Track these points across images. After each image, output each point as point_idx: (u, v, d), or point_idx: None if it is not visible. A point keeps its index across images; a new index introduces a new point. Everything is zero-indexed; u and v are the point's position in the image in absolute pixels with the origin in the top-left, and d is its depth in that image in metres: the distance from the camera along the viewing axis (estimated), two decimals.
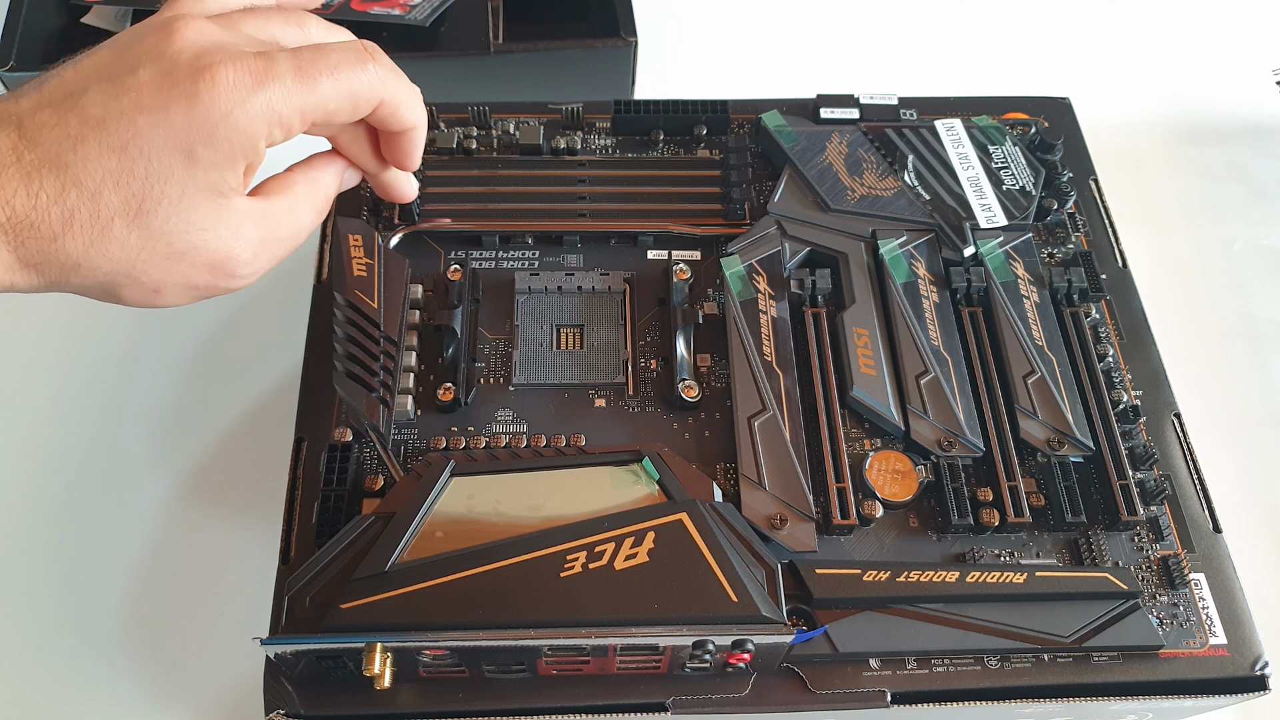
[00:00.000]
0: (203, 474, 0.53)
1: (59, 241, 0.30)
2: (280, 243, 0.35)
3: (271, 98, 0.31)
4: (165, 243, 0.31)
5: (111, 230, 0.31)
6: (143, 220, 0.31)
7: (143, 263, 0.32)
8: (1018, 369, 0.43)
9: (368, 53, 0.34)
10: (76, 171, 0.30)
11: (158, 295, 0.33)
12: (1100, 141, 0.54)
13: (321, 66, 0.33)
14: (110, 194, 0.30)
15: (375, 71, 0.34)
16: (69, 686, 0.47)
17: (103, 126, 0.30)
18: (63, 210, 0.30)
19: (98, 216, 0.30)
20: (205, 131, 0.31)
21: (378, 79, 0.34)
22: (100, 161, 0.30)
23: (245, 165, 0.33)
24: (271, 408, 0.55)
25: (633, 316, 0.46)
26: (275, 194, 0.35)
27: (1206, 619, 0.40)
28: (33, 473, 0.53)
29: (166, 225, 0.31)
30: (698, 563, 0.35)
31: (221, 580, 0.50)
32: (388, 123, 0.36)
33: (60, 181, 0.30)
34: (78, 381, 0.56)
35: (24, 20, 0.61)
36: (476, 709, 0.37)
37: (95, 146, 0.30)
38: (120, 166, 0.30)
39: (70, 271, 0.31)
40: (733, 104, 0.52)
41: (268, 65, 0.32)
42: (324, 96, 0.33)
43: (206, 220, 0.32)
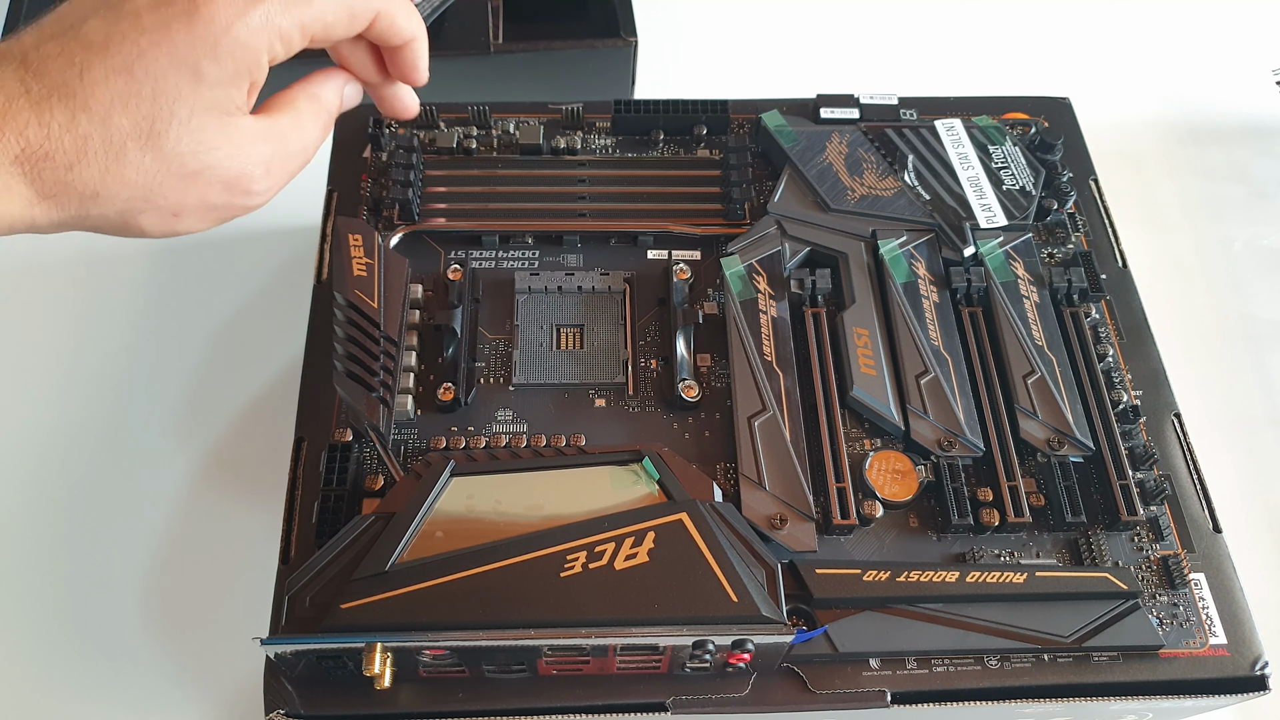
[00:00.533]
0: (203, 474, 0.53)
1: (75, 170, 0.30)
2: (290, 158, 0.36)
3: (270, 11, 0.32)
4: (179, 164, 0.32)
5: (126, 154, 0.31)
6: (155, 142, 0.31)
7: (159, 185, 0.32)
8: (1018, 369, 0.43)
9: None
10: (85, 97, 0.30)
11: (177, 220, 0.33)
12: (1100, 141, 0.54)
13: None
14: (120, 117, 0.30)
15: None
16: (69, 686, 0.47)
17: (106, 50, 0.30)
18: (75, 137, 0.30)
19: (110, 140, 0.30)
20: (208, 47, 0.31)
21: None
22: (107, 85, 0.30)
23: (250, 83, 0.33)
24: (271, 408, 0.55)
25: (633, 316, 0.46)
26: (279, 110, 0.36)
27: (1206, 619, 0.40)
28: (33, 472, 0.53)
29: (179, 146, 0.31)
30: (698, 563, 0.35)
31: (221, 581, 0.50)
32: (386, 36, 0.37)
33: (70, 109, 0.30)
34: (76, 381, 0.56)
35: (24, 19, 0.61)
36: (476, 709, 0.37)
37: (101, 70, 0.30)
38: (127, 88, 0.30)
39: (89, 201, 0.31)
40: (733, 104, 0.52)
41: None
42: (321, 9, 0.33)
43: (217, 139, 0.32)
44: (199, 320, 0.58)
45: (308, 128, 0.36)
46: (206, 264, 0.60)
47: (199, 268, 0.60)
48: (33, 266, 0.59)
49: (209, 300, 0.59)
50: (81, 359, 0.56)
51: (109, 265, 0.60)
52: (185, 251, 0.60)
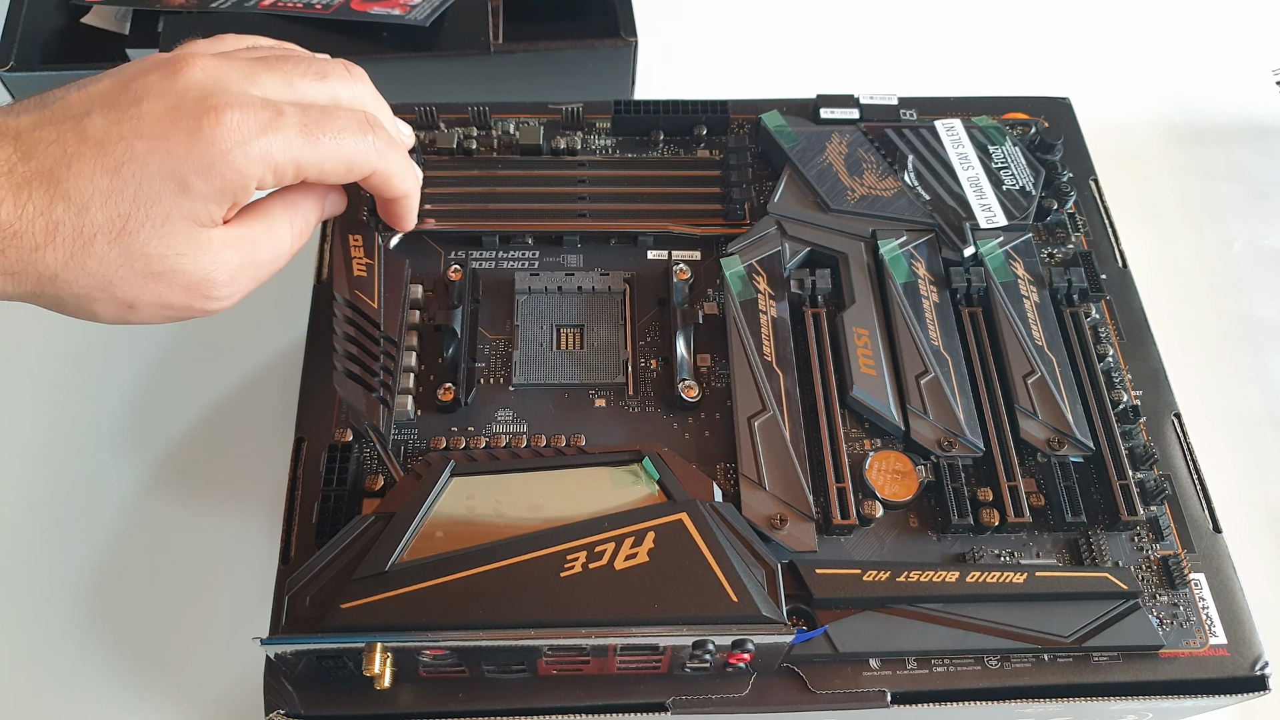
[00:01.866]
0: (203, 474, 0.53)
1: (40, 252, 0.31)
2: (258, 266, 0.36)
3: (272, 146, 0.33)
4: (144, 263, 0.32)
5: (93, 246, 0.31)
6: (124, 240, 0.32)
7: (120, 280, 0.32)
8: (1018, 369, 0.43)
9: (369, 125, 0.36)
10: (67, 187, 0.31)
11: (131, 311, 0.34)
12: (1100, 141, 0.54)
13: (326, 129, 0.34)
14: (97, 211, 0.31)
15: (374, 144, 0.36)
16: (68, 686, 0.47)
17: (101, 148, 0.31)
18: (48, 223, 0.30)
19: (81, 232, 0.31)
20: (203, 165, 0.32)
21: (374, 151, 0.36)
22: (93, 180, 0.31)
23: (232, 203, 0.34)
24: (272, 408, 0.55)
25: (633, 316, 0.46)
26: (253, 218, 0.36)
27: (1206, 619, 0.40)
28: (27, 470, 0.53)
29: (147, 247, 0.32)
30: (698, 563, 0.35)
31: (222, 580, 0.50)
32: (380, 190, 0.38)
33: (49, 195, 0.30)
34: (77, 381, 0.56)
35: (24, 20, 0.61)
36: (476, 709, 0.37)
37: (90, 165, 0.31)
38: (111, 187, 0.31)
39: (47, 282, 0.31)
40: (733, 104, 0.52)
41: (274, 116, 0.33)
42: (322, 156, 0.34)
43: (185, 246, 0.33)
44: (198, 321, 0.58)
45: (281, 237, 0.37)
46: None
47: None
48: None
49: None
50: (80, 359, 0.56)
51: None
52: None
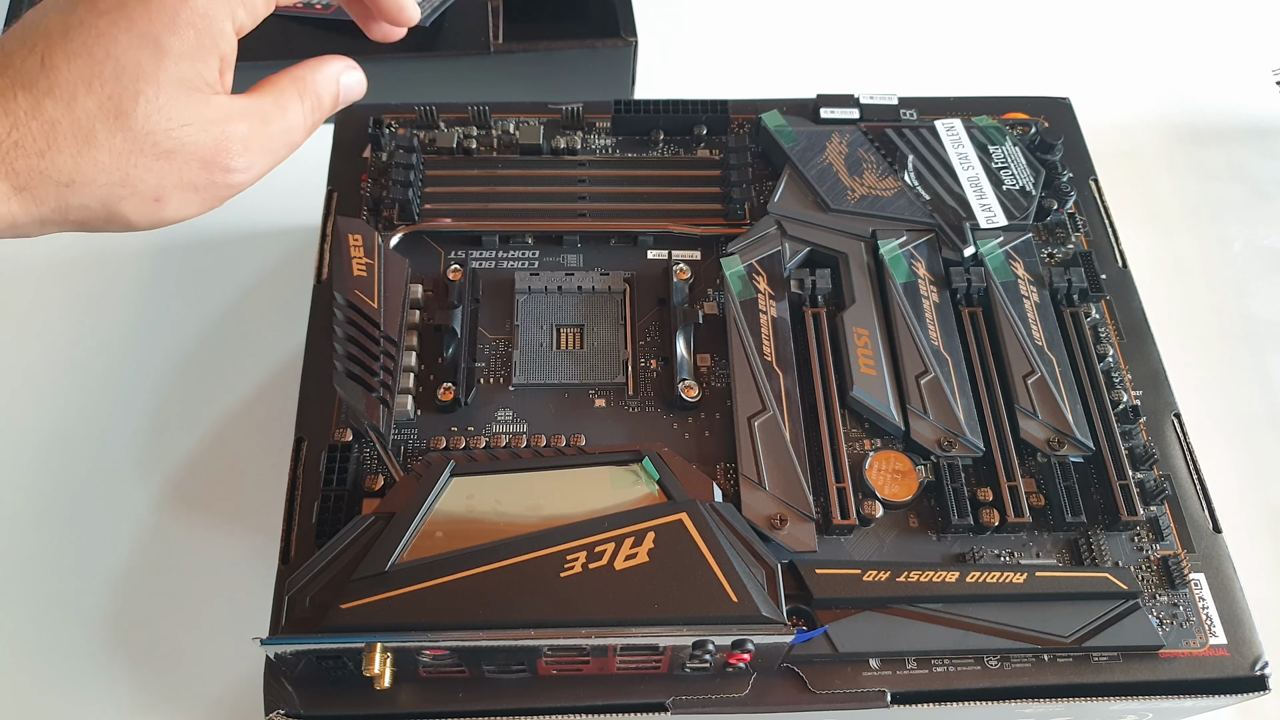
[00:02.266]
0: (203, 474, 0.53)
1: (47, 156, 0.30)
2: (270, 138, 0.34)
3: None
4: (151, 143, 0.31)
5: (95, 135, 0.30)
6: (123, 121, 0.31)
7: (134, 167, 0.31)
8: (1018, 369, 0.43)
9: None
10: (48, 83, 0.30)
11: (160, 205, 0.32)
12: (1100, 141, 0.54)
13: None
14: (85, 98, 0.30)
15: None
16: (68, 686, 0.47)
17: (66, 36, 0.30)
18: (42, 123, 0.30)
19: (78, 123, 0.30)
20: (166, 20, 0.31)
21: None
22: (68, 68, 0.30)
23: (218, 57, 0.33)
24: (272, 408, 0.55)
25: (633, 316, 0.46)
26: (260, 91, 0.35)
27: (1206, 619, 0.40)
28: (30, 472, 0.53)
29: (149, 124, 0.31)
30: (698, 563, 0.35)
31: (222, 580, 0.50)
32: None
33: (33, 95, 0.30)
34: (75, 381, 0.56)
35: None
36: (476, 709, 0.37)
37: (61, 55, 0.30)
38: (88, 69, 0.30)
39: (66, 190, 0.31)
40: (733, 104, 0.52)
41: None
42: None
43: (188, 114, 0.32)
44: (198, 320, 0.58)
45: (290, 109, 0.35)
46: (205, 264, 0.60)
47: (198, 267, 0.60)
48: (27, 268, 0.59)
49: (208, 300, 0.59)
50: (78, 359, 0.56)
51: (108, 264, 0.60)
52: (184, 251, 0.60)
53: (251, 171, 0.34)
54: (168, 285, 0.59)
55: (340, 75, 0.37)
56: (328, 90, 0.37)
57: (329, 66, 0.37)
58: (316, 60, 0.37)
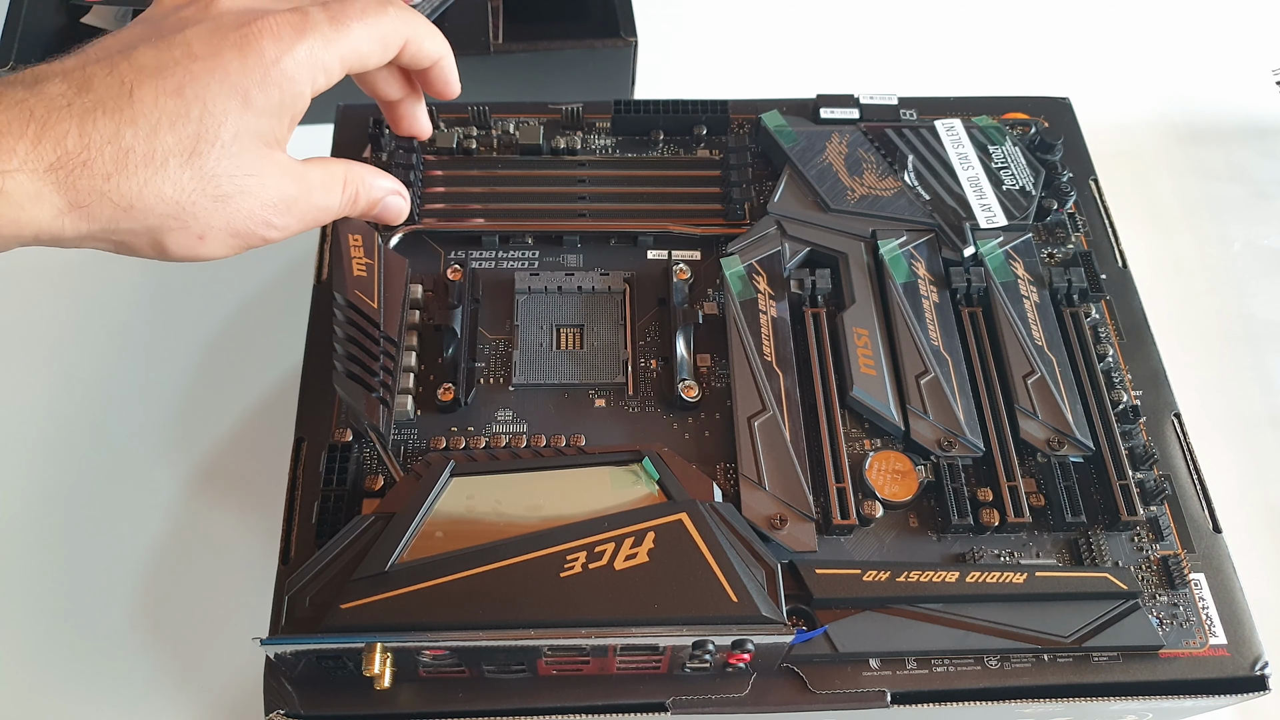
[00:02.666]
0: (203, 474, 0.53)
1: (113, 180, 0.31)
2: (309, 209, 0.37)
3: (313, 45, 0.34)
4: (215, 185, 0.33)
5: (167, 169, 0.32)
6: (196, 161, 0.32)
7: (193, 205, 0.33)
8: (1018, 369, 0.43)
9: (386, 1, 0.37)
10: (132, 114, 0.31)
11: (201, 243, 0.34)
12: (1100, 141, 0.54)
13: (351, 14, 0.35)
14: (166, 134, 0.32)
15: (396, 15, 0.37)
16: (68, 686, 0.47)
17: (159, 73, 0.32)
18: (117, 149, 0.31)
19: (153, 155, 0.31)
20: (258, 76, 0.33)
21: (400, 21, 0.37)
22: (157, 104, 0.32)
23: (290, 116, 0.35)
24: (271, 408, 0.55)
25: (633, 316, 0.46)
26: (312, 164, 0.37)
27: (1206, 619, 0.40)
28: (34, 472, 0.53)
29: (218, 167, 0.33)
30: (698, 563, 0.35)
31: (221, 580, 0.50)
32: (416, 60, 0.39)
33: (115, 122, 0.31)
34: (76, 381, 0.56)
35: (24, 20, 0.61)
36: (476, 709, 0.37)
37: (151, 90, 0.32)
38: (177, 109, 0.32)
39: (122, 214, 0.32)
40: (733, 104, 0.52)
41: (304, 18, 0.34)
42: (357, 40, 0.35)
43: (253, 166, 0.34)
44: (198, 320, 0.58)
45: (332, 193, 0.38)
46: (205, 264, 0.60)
47: (198, 268, 0.60)
48: (32, 269, 0.59)
49: (208, 300, 0.59)
50: (79, 359, 0.56)
51: (107, 266, 0.60)
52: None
53: (285, 232, 0.36)
54: (167, 286, 0.59)
55: (388, 194, 0.41)
56: (368, 196, 0.40)
57: (382, 180, 0.40)
58: (374, 169, 0.40)
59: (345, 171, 0.38)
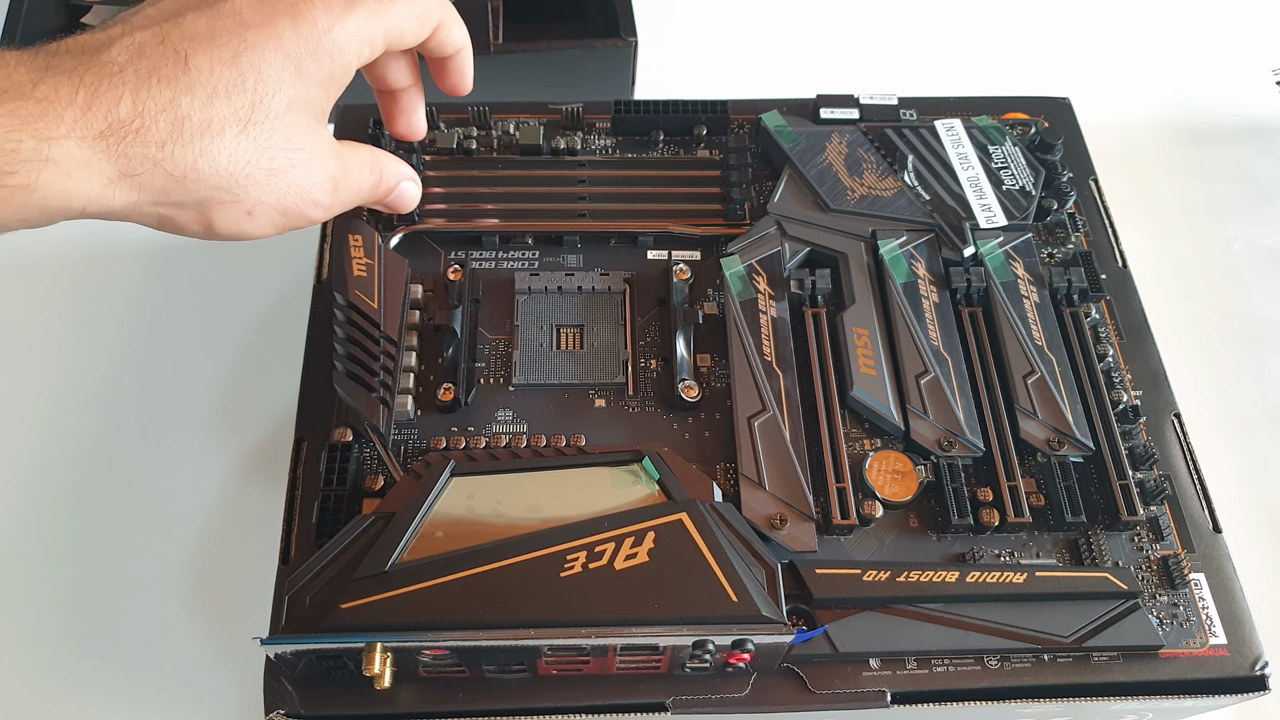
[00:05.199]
0: (203, 474, 0.53)
1: (167, 148, 0.30)
2: (349, 189, 0.37)
3: (362, 16, 0.34)
4: (268, 156, 0.32)
5: (223, 137, 0.31)
6: (251, 130, 0.32)
7: (245, 177, 0.32)
8: (1018, 369, 0.43)
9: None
10: (189, 81, 0.31)
11: (249, 219, 0.34)
12: (1100, 141, 0.54)
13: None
14: (223, 102, 0.31)
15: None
16: (68, 686, 0.47)
17: (212, 41, 0.31)
18: (173, 116, 0.30)
19: (210, 123, 0.31)
20: (311, 45, 0.33)
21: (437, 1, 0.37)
22: (213, 71, 0.31)
23: (338, 90, 0.35)
24: (271, 408, 0.55)
25: (633, 316, 0.46)
26: (349, 146, 0.37)
27: (1206, 619, 0.40)
28: (33, 475, 0.53)
29: (271, 138, 0.32)
30: (698, 563, 0.35)
31: (221, 581, 0.50)
32: (443, 45, 0.39)
33: (172, 90, 0.30)
34: (77, 381, 0.56)
35: (24, 20, 0.61)
36: (476, 709, 0.37)
37: (205, 59, 0.31)
38: (233, 77, 0.31)
39: (175, 184, 0.31)
40: (733, 104, 0.52)
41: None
42: (399, 15, 0.35)
43: (304, 139, 0.34)
44: (198, 321, 0.58)
45: (366, 176, 0.38)
46: (207, 264, 0.60)
47: (198, 268, 0.60)
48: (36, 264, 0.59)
49: (208, 301, 0.59)
50: (82, 358, 0.56)
51: (108, 264, 0.60)
52: (184, 251, 0.60)
53: (329, 212, 0.36)
54: (167, 286, 0.59)
55: (403, 180, 0.40)
56: (388, 184, 0.40)
57: (401, 167, 0.40)
58: (394, 157, 0.40)
59: (371, 155, 0.38)
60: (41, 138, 0.28)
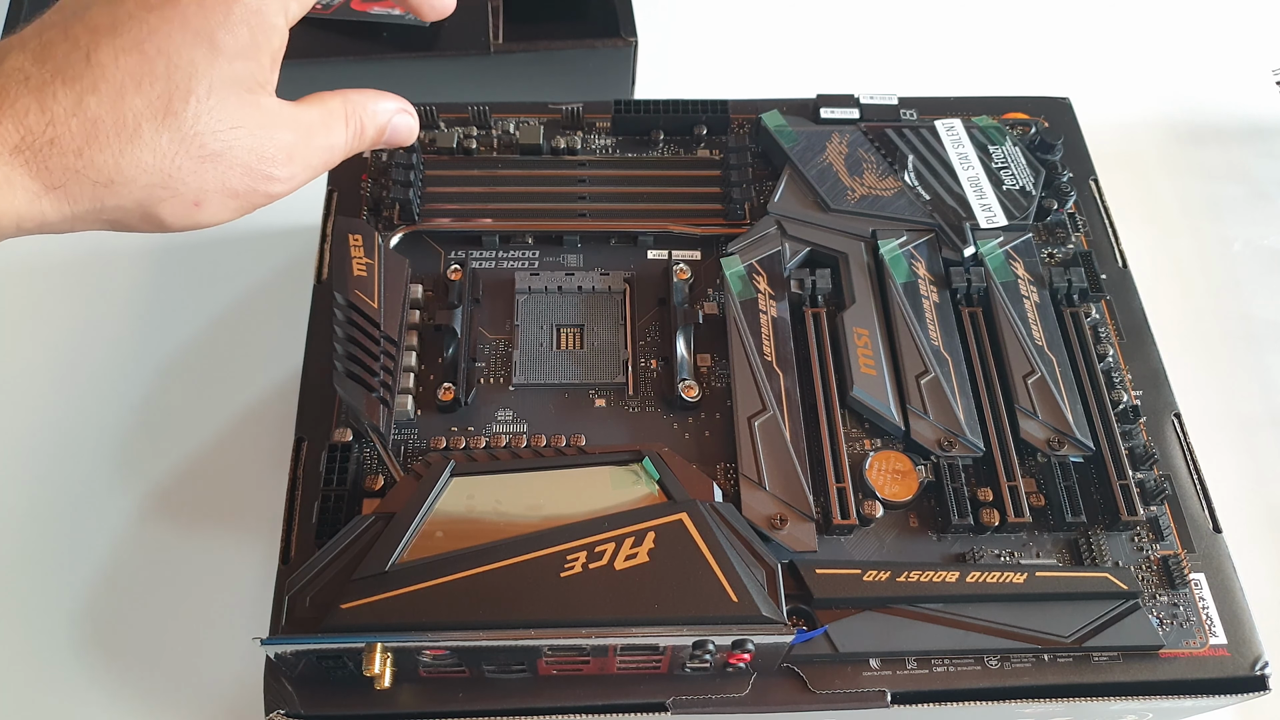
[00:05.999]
0: (203, 474, 0.53)
1: (85, 155, 0.29)
2: (313, 152, 0.34)
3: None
4: (199, 144, 0.30)
5: (141, 134, 0.29)
6: (172, 121, 0.30)
7: (178, 169, 0.30)
8: (1018, 369, 0.43)
9: None
10: (93, 79, 0.29)
11: (198, 209, 0.32)
12: (1100, 141, 0.54)
13: None
14: (133, 96, 0.29)
15: None
16: (68, 686, 0.47)
17: (114, 31, 0.29)
18: (83, 120, 0.29)
19: (123, 121, 0.29)
20: (220, 16, 0.30)
21: None
22: (117, 64, 0.29)
23: (270, 55, 0.32)
24: (272, 408, 0.55)
25: (633, 316, 0.46)
26: (307, 103, 0.34)
27: (1206, 619, 0.40)
28: (28, 471, 0.53)
29: (198, 124, 0.30)
30: (698, 563, 0.35)
31: (222, 580, 0.50)
32: None
33: (76, 91, 0.29)
34: (77, 381, 0.56)
35: (24, 20, 0.61)
36: (476, 709, 0.37)
37: (109, 51, 0.29)
38: (139, 66, 0.29)
39: (104, 189, 0.29)
40: (733, 104, 0.52)
41: None
42: None
43: (238, 116, 0.31)
44: (198, 321, 0.58)
45: (335, 129, 0.35)
46: (205, 264, 0.60)
47: (198, 268, 0.60)
48: (31, 266, 0.59)
49: (208, 300, 0.59)
50: (80, 357, 0.56)
51: (108, 264, 0.60)
52: (183, 251, 0.60)
53: (291, 183, 0.34)
54: (167, 285, 0.59)
55: (393, 114, 0.37)
56: (374, 122, 0.36)
57: (383, 101, 0.37)
58: (372, 91, 0.36)
59: (343, 104, 0.35)
60: None
